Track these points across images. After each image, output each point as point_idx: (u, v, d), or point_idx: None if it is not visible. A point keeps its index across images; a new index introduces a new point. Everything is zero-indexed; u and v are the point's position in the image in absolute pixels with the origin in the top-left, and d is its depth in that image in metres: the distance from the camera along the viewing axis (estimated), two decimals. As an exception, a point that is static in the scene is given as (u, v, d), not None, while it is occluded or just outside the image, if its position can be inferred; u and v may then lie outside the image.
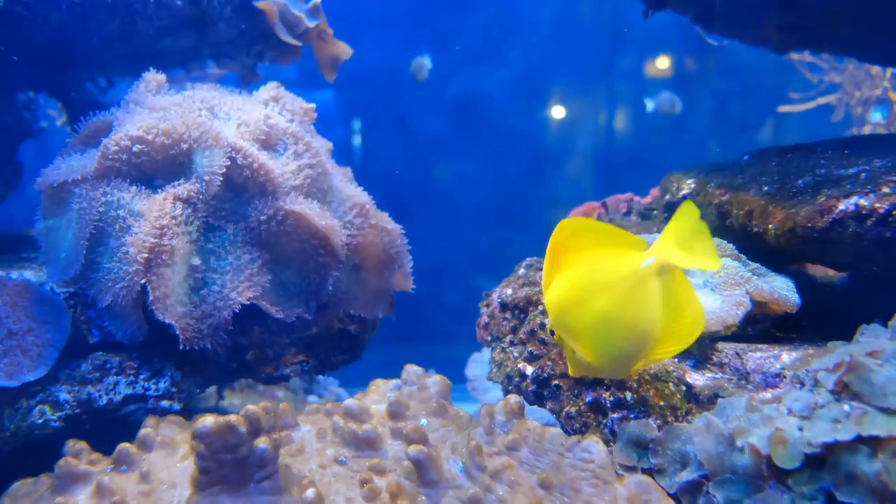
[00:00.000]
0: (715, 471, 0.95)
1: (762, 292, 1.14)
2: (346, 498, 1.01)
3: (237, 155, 1.34)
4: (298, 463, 1.08)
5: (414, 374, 1.24)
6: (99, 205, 1.28)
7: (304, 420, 1.21)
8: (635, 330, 0.91)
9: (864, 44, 1.90)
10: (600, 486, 1.00)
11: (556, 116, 4.74)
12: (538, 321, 1.35)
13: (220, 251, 1.35)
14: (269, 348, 1.51)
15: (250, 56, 2.09)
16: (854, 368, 0.91)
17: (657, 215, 1.76)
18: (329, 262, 1.43)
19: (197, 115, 1.39)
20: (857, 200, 1.09)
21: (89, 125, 1.46)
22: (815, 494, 0.87)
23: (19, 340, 1.24)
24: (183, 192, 1.29)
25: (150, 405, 1.32)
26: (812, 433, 0.89)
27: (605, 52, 4.69)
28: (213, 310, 1.31)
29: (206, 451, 0.91)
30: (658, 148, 4.25)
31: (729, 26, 2.00)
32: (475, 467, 1.02)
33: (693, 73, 4.61)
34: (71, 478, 1.07)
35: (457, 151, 4.64)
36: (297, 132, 1.49)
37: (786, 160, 1.39)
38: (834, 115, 3.50)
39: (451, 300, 3.75)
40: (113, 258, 1.27)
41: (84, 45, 1.68)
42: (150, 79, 1.52)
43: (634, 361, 0.94)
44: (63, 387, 1.27)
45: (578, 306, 0.95)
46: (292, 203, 1.37)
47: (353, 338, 1.65)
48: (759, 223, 1.24)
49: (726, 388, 1.08)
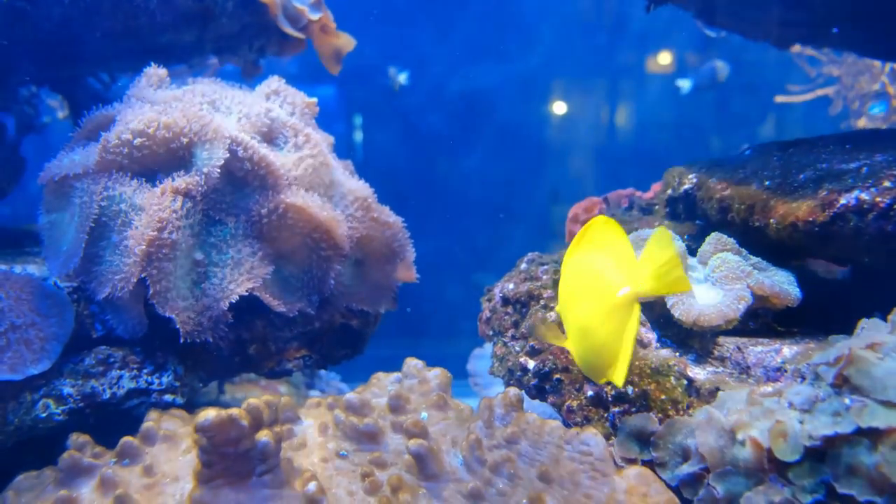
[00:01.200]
0: (716, 464, 0.95)
1: (763, 286, 1.14)
2: (348, 491, 1.01)
3: (238, 148, 1.34)
4: (300, 456, 1.09)
5: (414, 368, 1.25)
6: (100, 199, 1.29)
7: (305, 414, 1.21)
8: (604, 347, 0.95)
9: (864, 38, 1.90)
10: (599, 479, 1.00)
11: (558, 112, 4.74)
12: (540, 315, 1.35)
13: (222, 245, 1.35)
14: (272, 343, 1.51)
15: (252, 50, 2.09)
16: (854, 362, 0.91)
17: (658, 210, 1.76)
18: (331, 256, 1.43)
19: (198, 108, 1.39)
20: (859, 195, 1.09)
21: (91, 119, 1.46)
22: (816, 487, 0.87)
23: (23, 334, 1.24)
24: (182, 185, 1.29)
25: (153, 399, 1.33)
26: (812, 426, 0.89)
27: (606, 48, 4.68)
28: (213, 302, 1.31)
29: (208, 445, 0.91)
30: (658, 143, 4.25)
31: (730, 20, 2.00)
32: (475, 461, 1.03)
33: (694, 70, 4.60)
34: (75, 471, 1.08)
35: (458, 147, 4.64)
36: (297, 125, 1.49)
37: (787, 155, 1.39)
38: (832, 108, 3.50)
39: (453, 296, 3.75)
40: (115, 252, 1.28)
41: (86, 40, 1.68)
42: (151, 73, 1.52)
43: (602, 374, 0.98)
44: (67, 381, 1.27)
45: (568, 309, 1.02)
46: (293, 196, 1.37)
47: (356, 332, 1.65)
48: (761, 217, 1.24)
49: (727, 381, 1.09)
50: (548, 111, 4.73)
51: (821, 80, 3.50)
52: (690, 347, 1.17)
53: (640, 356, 1.16)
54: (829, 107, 3.52)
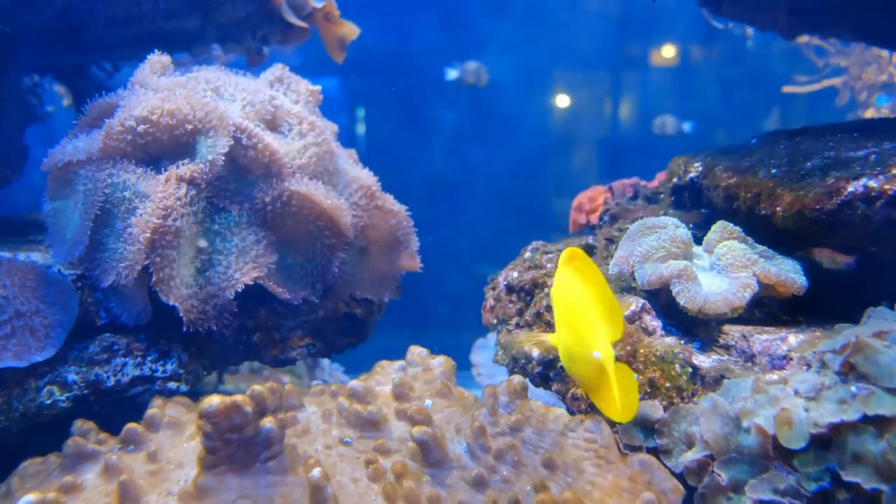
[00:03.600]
0: (720, 451, 0.95)
1: (769, 274, 1.14)
2: (352, 478, 1.01)
3: (242, 135, 1.34)
4: (304, 443, 1.09)
5: (418, 356, 1.25)
6: (104, 186, 1.28)
7: (309, 401, 1.21)
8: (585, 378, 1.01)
9: (874, 28, 1.88)
10: (603, 466, 1.00)
11: (562, 104, 4.72)
12: (544, 303, 1.35)
13: (226, 232, 1.35)
14: (276, 331, 1.51)
15: (256, 39, 2.08)
16: (861, 349, 0.91)
17: (664, 199, 1.76)
18: (335, 244, 1.43)
19: (202, 95, 1.39)
20: (867, 182, 1.08)
21: (94, 107, 1.46)
22: (821, 475, 0.87)
23: (27, 321, 1.24)
24: (186, 173, 1.29)
25: (157, 386, 1.33)
26: (818, 413, 0.89)
27: (611, 40, 4.66)
28: (217, 290, 1.31)
29: (212, 431, 0.91)
30: (662, 134, 4.23)
31: (737, 10, 1.98)
32: (479, 448, 1.03)
33: (699, 61, 4.58)
34: (79, 457, 1.08)
35: (462, 138, 4.63)
36: (302, 113, 1.49)
37: (794, 143, 1.38)
38: (838, 99, 3.48)
39: (456, 287, 3.75)
40: (119, 239, 1.27)
41: (90, 27, 1.68)
42: (154, 61, 1.51)
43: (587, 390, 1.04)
44: (71, 368, 1.28)
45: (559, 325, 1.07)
46: (297, 184, 1.37)
47: (359, 321, 1.65)
48: (767, 206, 1.23)
49: (732, 369, 1.08)
50: (551, 103, 4.72)
51: (827, 70, 3.48)
52: (696, 335, 1.16)
53: (646, 343, 1.16)
54: (835, 98, 3.50)
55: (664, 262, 1.19)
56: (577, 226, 2.12)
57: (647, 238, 1.25)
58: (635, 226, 1.32)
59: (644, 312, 1.20)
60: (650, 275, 1.17)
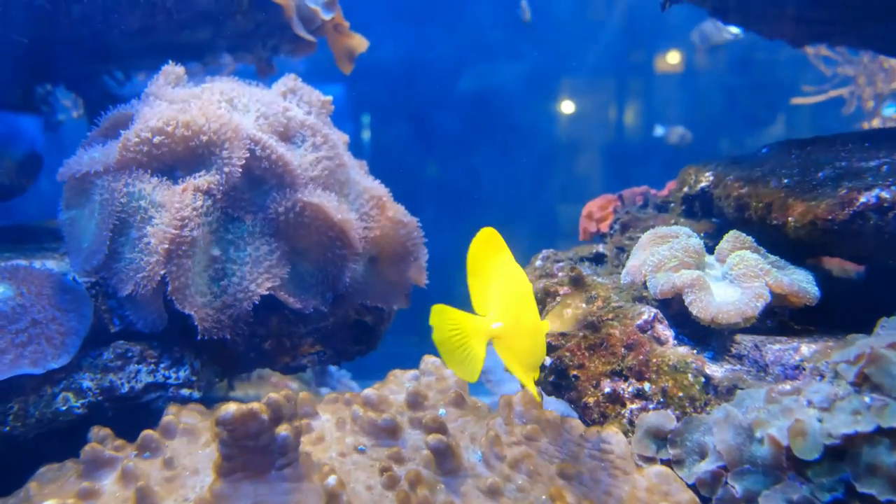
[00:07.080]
0: (734, 462, 0.95)
1: (782, 284, 1.14)
2: (366, 486, 1.02)
3: (256, 147, 1.35)
4: (319, 451, 1.09)
5: (432, 365, 1.25)
6: (121, 196, 1.30)
7: (323, 409, 1.22)
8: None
9: (883, 37, 1.89)
10: (620, 477, 1.01)
11: (568, 111, 4.73)
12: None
13: (240, 242, 1.36)
14: (287, 338, 1.52)
15: (266, 49, 2.10)
16: (875, 360, 0.91)
17: (674, 208, 1.76)
18: (346, 255, 1.44)
19: (216, 107, 1.40)
20: (879, 193, 1.09)
21: (109, 118, 1.48)
22: (835, 486, 0.87)
23: (43, 329, 1.25)
24: (203, 184, 1.31)
25: (170, 393, 1.34)
26: (832, 424, 0.89)
27: (618, 47, 4.67)
28: (233, 301, 1.32)
29: (228, 438, 0.92)
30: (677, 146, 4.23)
31: (745, 18, 1.99)
32: (494, 457, 1.03)
33: (704, 69, 4.59)
34: (97, 463, 1.09)
35: (469, 145, 4.64)
36: (315, 124, 1.50)
37: (805, 153, 1.39)
38: (845, 108, 3.48)
39: (463, 294, 3.75)
40: (135, 248, 1.29)
41: (104, 37, 1.70)
42: (169, 71, 1.53)
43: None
44: (86, 374, 1.29)
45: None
46: (310, 195, 1.38)
47: (369, 329, 1.66)
48: (779, 216, 1.23)
49: (745, 379, 1.09)
50: (558, 110, 4.73)
51: (836, 80, 3.48)
52: (708, 345, 1.17)
53: (658, 353, 1.17)
54: (841, 107, 3.50)
55: (676, 271, 1.19)
56: (587, 234, 2.13)
57: (659, 247, 1.26)
58: (647, 235, 1.33)
59: (656, 322, 1.21)
60: (662, 284, 1.18)
